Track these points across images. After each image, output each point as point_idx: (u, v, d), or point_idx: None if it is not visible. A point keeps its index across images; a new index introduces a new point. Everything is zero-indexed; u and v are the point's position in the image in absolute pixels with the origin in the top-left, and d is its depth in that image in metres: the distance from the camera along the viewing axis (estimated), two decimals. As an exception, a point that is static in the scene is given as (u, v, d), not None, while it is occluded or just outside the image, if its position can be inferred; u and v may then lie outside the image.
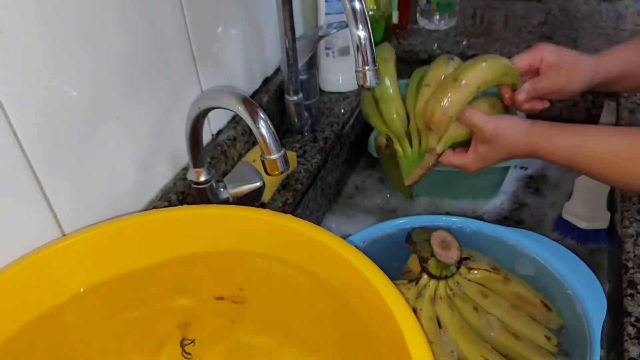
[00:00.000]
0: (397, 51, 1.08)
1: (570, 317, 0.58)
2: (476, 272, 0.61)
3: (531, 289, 0.61)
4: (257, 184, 0.65)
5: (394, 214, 0.90)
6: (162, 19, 0.61)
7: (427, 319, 0.57)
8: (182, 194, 0.65)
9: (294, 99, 0.82)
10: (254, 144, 0.80)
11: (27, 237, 0.49)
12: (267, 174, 0.50)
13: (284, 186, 0.77)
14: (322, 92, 0.95)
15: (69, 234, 0.52)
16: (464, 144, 0.69)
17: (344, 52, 0.91)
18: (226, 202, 0.64)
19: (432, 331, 0.57)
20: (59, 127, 0.50)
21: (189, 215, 0.54)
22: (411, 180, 0.72)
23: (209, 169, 0.61)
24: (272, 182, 0.74)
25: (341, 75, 0.95)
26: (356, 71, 0.56)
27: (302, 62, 0.80)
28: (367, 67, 0.55)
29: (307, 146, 0.84)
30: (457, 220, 0.66)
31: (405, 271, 0.64)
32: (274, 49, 0.87)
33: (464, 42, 1.09)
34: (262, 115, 0.48)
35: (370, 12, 0.95)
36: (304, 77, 0.82)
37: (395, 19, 1.10)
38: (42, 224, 0.51)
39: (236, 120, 0.78)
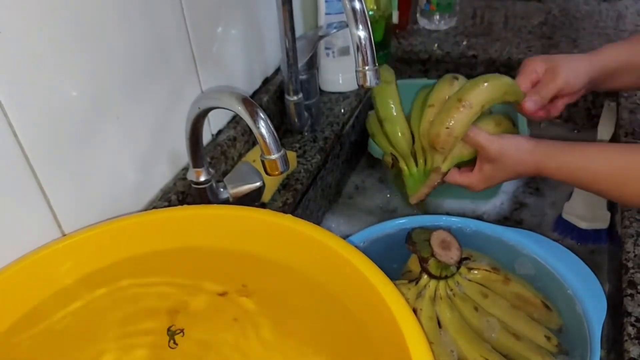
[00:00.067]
0: (397, 51, 1.09)
1: (570, 317, 0.58)
2: (476, 272, 0.61)
3: (531, 289, 0.61)
4: (257, 184, 0.65)
5: (394, 214, 0.90)
6: (162, 19, 0.61)
7: (427, 319, 0.57)
8: (182, 194, 0.65)
9: (294, 99, 0.81)
10: (254, 144, 0.80)
11: (27, 237, 0.49)
12: (267, 174, 0.50)
13: (284, 186, 0.77)
14: (322, 92, 0.95)
15: (69, 234, 0.52)
16: (469, 163, 0.69)
17: (344, 52, 0.91)
18: (226, 202, 0.64)
19: (432, 331, 0.57)
20: (59, 127, 0.50)
21: (189, 215, 0.54)
22: (417, 198, 0.72)
23: (209, 169, 0.61)
24: (272, 182, 0.74)
25: (341, 75, 0.95)
26: (356, 71, 0.55)
27: (302, 62, 0.80)
28: (367, 67, 0.55)
29: (307, 146, 0.84)
30: (457, 220, 0.66)
31: (405, 271, 0.64)
32: (274, 49, 0.87)
33: (464, 42, 1.09)
34: (262, 115, 0.48)
35: (370, 12, 0.95)
36: (304, 77, 0.82)
37: (395, 19, 1.10)
38: (42, 224, 0.51)
39: (236, 120, 0.77)
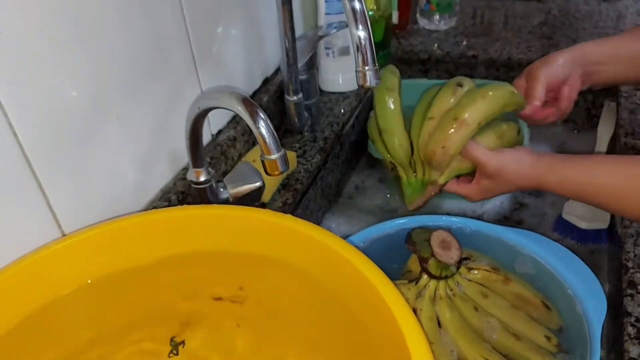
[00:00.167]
0: (397, 51, 1.09)
1: (570, 317, 0.58)
2: (476, 272, 0.61)
3: (531, 289, 0.61)
4: (257, 184, 0.65)
5: (394, 214, 0.90)
6: (162, 19, 0.61)
7: (427, 319, 0.57)
8: (182, 194, 0.65)
9: (294, 99, 0.81)
10: (254, 144, 0.80)
11: (27, 237, 0.49)
12: (267, 174, 0.50)
13: (284, 186, 0.77)
14: (322, 92, 0.95)
15: (69, 234, 0.52)
16: (468, 174, 0.69)
17: (344, 52, 0.91)
18: (226, 202, 0.64)
19: (432, 331, 0.57)
20: (59, 127, 0.50)
21: (189, 215, 0.54)
22: (414, 206, 0.73)
23: (209, 169, 0.61)
24: (272, 182, 0.74)
25: (341, 75, 0.95)
26: (356, 71, 0.55)
27: (302, 62, 0.80)
28: (367, 67, 0.55)
29: (307, 146, 0.84)
30: (457, 220, 0.66)
31: (405, 271, 0.64)
32: (274, 49, 0.86)
33: (464, 42, 1.09)
34: (262, 115, 0.48)
35: (370, 12, 0.95)
36: (304, 77, 0.82)
37: (395, 19, 1.10)
38: (42, 224, 0.51)
39: (236, 120, 0.77)
